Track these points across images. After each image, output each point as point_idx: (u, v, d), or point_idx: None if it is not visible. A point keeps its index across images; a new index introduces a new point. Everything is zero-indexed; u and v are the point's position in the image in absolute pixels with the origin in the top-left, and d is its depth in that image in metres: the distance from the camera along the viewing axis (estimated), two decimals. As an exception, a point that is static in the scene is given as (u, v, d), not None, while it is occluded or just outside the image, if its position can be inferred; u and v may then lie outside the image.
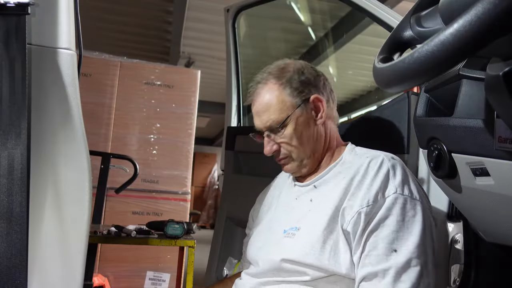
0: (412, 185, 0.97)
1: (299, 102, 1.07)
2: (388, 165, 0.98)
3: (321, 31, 4.80)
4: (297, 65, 1.12)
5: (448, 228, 1.15)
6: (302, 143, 1.08)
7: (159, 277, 3.00)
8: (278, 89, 1.08)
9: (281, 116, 1.06)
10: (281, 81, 1.08)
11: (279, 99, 1.07)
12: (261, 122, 1.09)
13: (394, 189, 0.94)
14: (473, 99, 0.77)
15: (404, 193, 0.94)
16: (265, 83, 1.10)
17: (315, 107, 1.10)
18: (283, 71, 1.10)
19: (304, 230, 1.01)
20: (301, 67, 1.12)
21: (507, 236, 0.89)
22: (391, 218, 0.92)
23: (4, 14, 0.82)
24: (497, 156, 0.70)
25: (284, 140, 1.08)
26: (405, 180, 0.97)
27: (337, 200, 0.99)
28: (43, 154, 0.89)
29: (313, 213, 1.03)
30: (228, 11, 1.96)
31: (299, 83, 1.08)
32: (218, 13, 2.24)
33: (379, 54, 0.67)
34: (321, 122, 1.10)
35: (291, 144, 1.08)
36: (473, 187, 0.82)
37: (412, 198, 0.94)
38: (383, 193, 0.95)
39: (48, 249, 0.89)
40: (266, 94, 1.08)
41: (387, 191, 0.95)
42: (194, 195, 9.96)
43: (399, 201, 0.93)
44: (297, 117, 1.07)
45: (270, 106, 1.07)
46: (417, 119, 0.94)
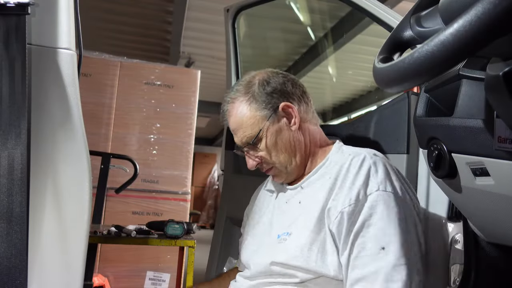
0: (396, 182, 0.97)
1: (269, 113, 1.08)
2: (369, 162, 0.98)
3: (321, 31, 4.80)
4: (261, 77, 1.13)
5: (448, 228, 1.15)
6: (280, 152, 1.08)
7: (159, 277, 3.00)
8: (245, 105, 1.09)
9: (254, 130, 1.08)
10: (247, 96, 1.10)
11: (248, 115, 1.09)
12: (238, 140, 1.12)
13: (377, 186, 0.95)
14: (473, 99, 0.77)
15: (387, 189, 0.94)
16: (233, 101, 1.12)
17: (286, 114, 1.10)
18: (248, 85, 1.11)
19: (295, 234, 1.02)
20: (266, 78, 1.12)
21: (507, 236, 0.89)
22: (376, 216, 0.92)
23: (4, 14, 0.82)
24: (497, 156, 0.70)
25: (263, 153, 1.09)
26: (388, 176, 0.97)
27: (322, 200, 1.00)
28: (43, 154, 0.89)
29: (302, 216, 1.03)
30: (228, 11, 1.96)
31: (265, 94, 1.09)
32: (218, 13, 2.24)
33: (379, 54, 0.67)
34: (296, 128, 1.10)
35: (270, 156, 1.09)
36: (473, 187, 0.82)
37: (395, 195, 0.94)
38: (365, 191, 0.95)
39: (48, 249, 0.89)
40: (236, 112, 1.10)
41: (369, 188, 0.95)
42: (194, 195, 9.97)
43: (382, 198, 0.93)
44: (270, 128, 1.08)
45: (241, 123, 1.09)
46: (417, 119, 0.94)
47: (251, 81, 1.12)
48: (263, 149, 1.09)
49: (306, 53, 5.35)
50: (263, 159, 1.10)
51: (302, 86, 1.16)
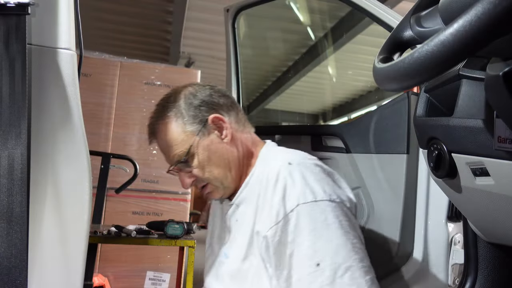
0: (315, 185, 0.91)
1: (198, 127, 1.03)
2: (284, 175, 0.93)
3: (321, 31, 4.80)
4: (186, 91, 1.08)
5: (448, 228, 1.15)
6: (214, 167, 1.03)
7: (159, 277, 3.01)
8: (172, 122, 1.04)
9: (184, 148, 1.02)
10: (173, 112, 1.04)
11: (176, 132, 1.03)
12: (168, 159, 1.06)
13: (296, 200, 0.89)
14: (473, 99, 0.77)
15: (307, 200, 0.89)
16: (157, 121, 1.07)
17: (217, 126, 1.05)
18: (173, 101, 1.06)
19: (231, 258, 1.01)
20: (192, 91, 1.08)
21: (507, 236, 0.89)
22: (303, 233, 0.87)
23: (4, 14, 0.82)
24: (497, 156, 0.70)
25: (196, 170, 1.03)
26: (306, 184, 0.91)
27: (251, 224, 0.96)
28: (43, 154, 0.89)
29: (237, 239, 1.01)
30: (228, 11, 1.96)
31: (192, 108, 1.04)
32: (218, 13, 2.24)
33: (379, 54, 0.67)
34: (228, 139, 1.05)
35: (204, 172, 1.03)
36: (473, 187, 0.82)
37: (317, 202, 0.89)
38: (285, 209, 0.89)
39: (48, 249, 0.89)
40: (162, 131, 1.05)
41: (289, 205, 0.89)
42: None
43: (304, 211, 0.88)
44: (201, 143, 1.02)
45: (170, 141, 1.03)
46: (417, 119, 0.94)
47: (176, 97, 1.07)
48: (195, 166, 1.02)
49: (306, 53, 5.35)
50: (197, 176, 1.04)
51: (230, 96, 1.12)
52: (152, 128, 1.09)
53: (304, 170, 0.94)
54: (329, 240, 0.87)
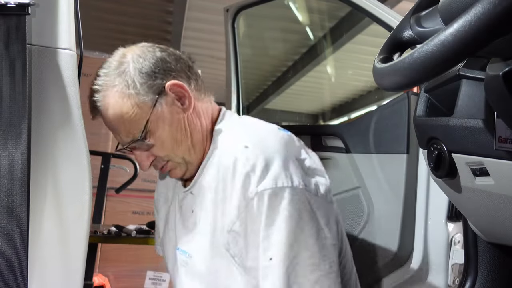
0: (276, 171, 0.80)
1: (154, 98, 0.87)
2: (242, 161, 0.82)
3: (321, 31, 4.80)
4: (135, 54, 0.91)
5: (448, 228, 1.15)
6: (175, 142, 0.90)
7: (159, 277, 3.00)
8: (121, 94, 0.88)
9: (140, 123, 0.87)
10: (123, 82, 0.88)
11: (128, 105, 0.87)
12: (121, 138, 0.92)
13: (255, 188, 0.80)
14: (473, 99, 0.77)
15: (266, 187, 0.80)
16: (105, 93, 0.90)
17: (177, 94, 0.90)
18: (120, 67, 0.90)
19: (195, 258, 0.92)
20: (141, 54, 0.91)
21: (507, 236, 0.89)
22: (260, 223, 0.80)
23: (4, 14, 0.82)
24: (497, 156, 0.70)
25: (155, 148, 0.90)
26: (266, 169, 0.81)
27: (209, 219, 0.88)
28: (43, 154, 0.89)
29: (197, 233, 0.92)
30: (228, 11, 1.96)
31: (144, 75, 0.88)
32: (218, 13, 2.24)
33: (379, 54, 0.67)
34: (190, 109, 0.91)
35: (165, 148, 0.90)
36: (473, 187, 0.82)
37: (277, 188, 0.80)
38: (245, 199, 0.81)
39: (48, 249, 0.89)
40: (111, 105, 0.89)
41: (249, 193, 0.81)
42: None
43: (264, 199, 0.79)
44: (159, 116, 0.88)
45: (121, 117, 0.88)
46: (417, 119, 0.94)
47: (122, 62, 0.91)
48: (154, 143, 0.89)
49: (306, 53, 5.35)
50: (157, 153, 0.91)
51: (187, 60, 0.96)
52: (94, 102, 0.91)
53: (261, 154, 0.82)
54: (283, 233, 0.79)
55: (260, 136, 0.89)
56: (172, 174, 0.95)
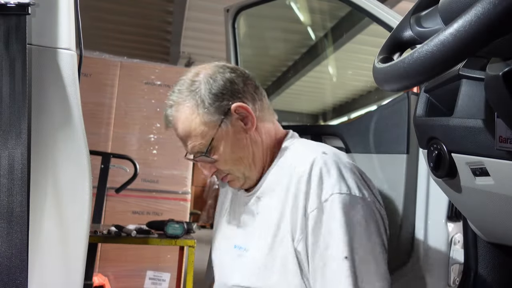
0: (350, 180, 0.89)
1: (220, 118, 0.95)
2: (320, 165, 0.89)
3: (321, 31, 4.81)
4: (206, 74, 0.99)
5: (448, 228, 1.15)
6: (237, 159, 0.98)
7: (159, 277, 3.01)
8: (192, 112, 0.95)
9: (205, 140, 0.95)
10: (193, 99, 0.96)
11: (196, 122, 0.95)
12: (189, 149, 1.00)
13: (331, 189, 0.87)
14: (473, 99, 0.77)
15: (342, 191, 0.87)
16: (177, 108, 0.98)
17: (241, 115, 0.98)
18: (192, 88, 0.97)
19: (252, 251, 0.96)
20: (212, 74, 0.99)
21: (507, 236, 0.89)
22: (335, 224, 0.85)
23: (4, 14, 0.82)
24: (498, 156, 0.70)
25: (218, 159, 0.97)
26: (341, 177, 0.89)
27: (278, 214, 0.92)
28: (43, 154, 0.89)
29: (258, 230, 0.97)
30: (228, 11, 1.96)
31: (213, 96, 0.96)
32: (218, 13, 2.24)
33: (379, 54, 0.67)
34: (253, 129, 0.99)
35: (227, 163, 0.98)
36: (473, 187, 0.82)
37: (351, 196, 0.87)
38: (319, 198, 0.87)
39: (48, 249, 0.89)
40: (182, 120, 0.97)
41: (324, 194, 0.87)
42: (194, 195, 9.96)
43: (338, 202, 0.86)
44: (223, 135, 0.96)
45: (190, 132, 0.96)
46: (417, 119, 0.94)
47: (194, 81, 0.98)
48: (217, 158, 0.97)
49: (306, 53, 5.35)
50: (219, 167, 0.99)
51: (253, 80, 1.04)
52: (168, 116, 1.00)
53: (339, 163, 0.91)
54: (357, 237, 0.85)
55: (333, 149, 0.98)
56: (231, 184, 1.03)
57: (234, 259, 1.00)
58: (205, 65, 1.03)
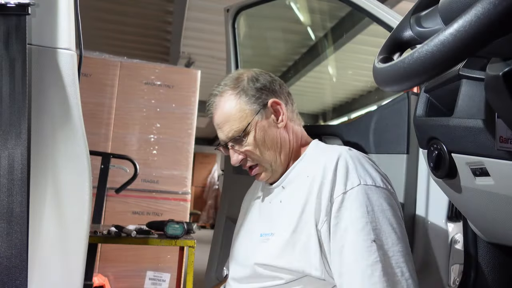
0: (374, 174, 0.97)
1: (258, 108, 1.08)
2: (346, 158, 0.98)
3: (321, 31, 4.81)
4: (250, 73, 1.13)
5: (448, 228, 1.15)
6: (266, 149, 1.08)
7: (159, 277, 3.01)
8: (234, 98, 1.08)
9: (242, 124, 1.06)
10: (237, 90, 1.09)
11: (237, 108, 1.08)
12: (224, 134, 1.09)
13: (358, 180, 0.94)
14: (473, 99, 0.77)
15: (367, 183, 0.94)
16: (221, 95, 1.10)
17: (275, 111, 1.11)
18: (237, 81, 1.11)
19: (277, 234, 1.02)
20: (255, 75, 1.13)
21: (507, 236, 0.89)
22: (360, 210, 0.91)
23: (4, 14, 0.82)
24: (498, 156, 0.70)
25: (248, 148, 1.07)
26: (366, 170, 0.97)
27: (303, 200, 0.99)
28: (43, 154, 0.89)
29: (284, 216, 1.03)
30: (228, 11, 1.96)
31: (254, 89, 1.09)
32: (218, 13, 2.24)
33: (379, 54, 0.67)
34: (283, 125, 1.10)
35: (256, 151, 1.08)
36: (473, 187, 0.82)
37: (377, 187, 0.94)
38: (345, 187, 0.94)
39: (48, 249, 0.89)
40: (224, 106, 1.09)
41: (350, 183, 0.94)
42: (194, 195, 9.97)
43: (363, 192, 0.92)
44: (258, 123, 1.07)
45: (229, 116, 1.08)
46: (417, 119, 0.94)
47: (239, 77, 1.12)
48: (250, 143, 1.07)
49: (306, 53, 5.35)
50: (249, 154, 1.08)
51: (286, 87, 1.18)
52: (212, 102, 1.12)
53: (364, 159, 1.00)
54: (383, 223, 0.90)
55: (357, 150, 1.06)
56: (258, 177, 1.13)
57: (259, 244, 1.05)
58: (247, 69, 1.17)
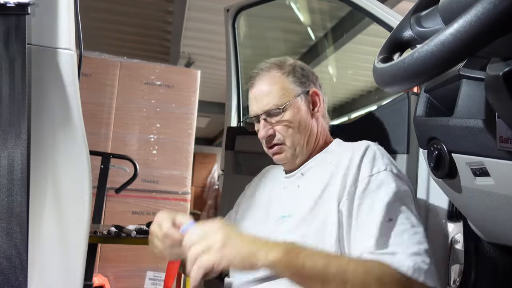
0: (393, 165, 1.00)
1: (300, 91, 1.11)
2: (374, 148, 1.01)
3: (321, 31, 4.80)
4: (298, 61, 1.18)
5: (448, 228, 1.15)
6: (297, 131, 1.10)
7: (159, 277, 3.01)
8: (281, 76, 1.12)
9: (282, 101, 1.09)
10: (285, 70, 1.13)
11: (281, 85, 1.10)
12: (260, 106, 1.11)
13: (384, 166, 0.97)
14: (473, 99, 0.77)
15: (393, 171, 0.97)
16: (269, 70, 1.13)
17: (313, 101, 1.14)
18: (286, 63, 1.15)
19: (293, 214, 1.03)
20: (302, 64, 1.18)
21: (507, 236, 0.89)
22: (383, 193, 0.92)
23: (4, 14, 0.82)
24: (498, 156, 0.70)
25: (282, 124, 1.09)
26: (391, 162, 1.00)
27: (325, 181, 1.01)
28: (43, 154, 0.89)
29: (301, 198, 1.04)
30: (228, 11, 1.96)
31: (301, 75, 1.13)
32: (218, 13, 2.24)
33: (379, 54, 0.67)
34: (317, 116, 1.14)
35: (287, 130, 1.09)
36: (473, 187, 0.82)
37: (401, 178, 0.97)
38: (371, 171, 0.96)
39: (48, 249, 0.89)
40: (268, 79, 1.12)
41: (376, 168, 0.97)
42: (194, 195, 9.96)
43: (389, 177, 0.95)
44: (297, 105, 1.10)
45: (272, 90, 1.10)
46: (417, 119, 0.94)
47: (288, 61, 1.16)
48: (284, 121, 1.09)
49: (306, 53, 5.35)
50: (280, 131, 1.10)
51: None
52: (257, 74, 1.14)
53: (388, 155, 1.03)
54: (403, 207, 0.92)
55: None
56: (278, 156, 1.12)
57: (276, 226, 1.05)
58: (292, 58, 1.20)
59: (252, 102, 1.13)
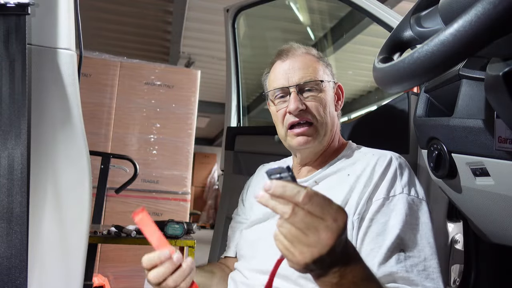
0: (418, 186, 0.96)
1: (331, 79, 1.11)
2: (396, 164, 0.97)
3: (321, 31, 4.80)
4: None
5: (448, 228, 1.15)
6: (328, 114, 1.06)
7: (159, 277, 3.00)
8: (317, 59, 1.10)
9: (319, 77, 1.06)
10: (318, 56, 1.12)
11: (318, 66, 1.08)
12: (296, 77, 1.05)
13: (401, 189, 0.93)
14: (473, 99, 0.77)
15: (410, 193, 0.93)
16: (304, 50, 1.10)
17: (337, 94, 1.13)
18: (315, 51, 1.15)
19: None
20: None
21: (507, 236, 0.89)
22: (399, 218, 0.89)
23: (4, 14, 0.82)
24: (497, 156, 0.70)
25: (315, 101, 1.04)
26: (412, 180, 0.96)
27: (342, 196, 0.97)
28: (43, 154, 0.89)
29: None
30: (228, 11, 1.96)
31: (330, 67, 1.13)
32: (218, 13, 2.24)
33: (379, 54, 0.67)
34: (339, 108, 1.13)
35: (319, 109, 1.04)
36: (473, 187, 0.82)
37: (417, 200, 0.93)
38: (388, 192, 0.93)
39: (48, 249, 0.89)
40: (305, 58, 1.08)
41: (394, 190, 0.93)
42: (194, 195, 9.97)
43: (406, 201, 0.91)
44: (328, 89, 1.08)
45: (310, 66, 1.07)
46: (417, 119, 0.94)
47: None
48: (317, 98, 1.04)
49: (306, 53, 5.34)
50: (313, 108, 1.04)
51: None
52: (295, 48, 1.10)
53: (409, 170, 0.99)
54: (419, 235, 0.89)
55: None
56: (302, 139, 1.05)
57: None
58: None
59: (279, 76, 1.07)
